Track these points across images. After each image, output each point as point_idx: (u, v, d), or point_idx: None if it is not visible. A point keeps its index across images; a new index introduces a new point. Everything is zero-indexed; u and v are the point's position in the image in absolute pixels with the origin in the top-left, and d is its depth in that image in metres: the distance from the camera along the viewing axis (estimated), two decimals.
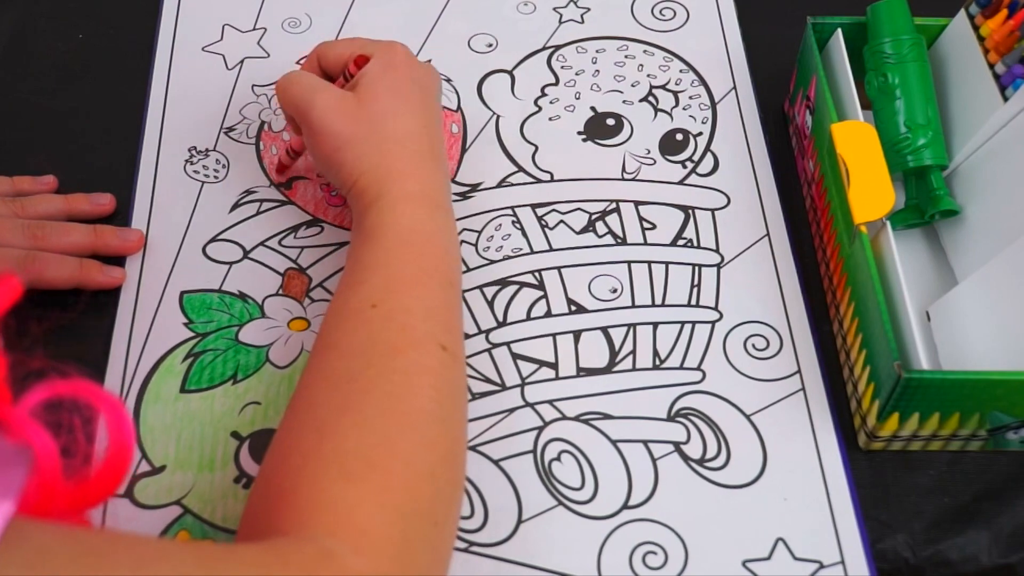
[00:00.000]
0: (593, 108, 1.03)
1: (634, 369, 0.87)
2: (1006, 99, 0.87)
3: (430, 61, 1.05)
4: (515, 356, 0.88)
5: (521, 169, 0.99)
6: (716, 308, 0.90)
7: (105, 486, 0.54)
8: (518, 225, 0.94)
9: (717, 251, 0.94)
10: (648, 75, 1.05)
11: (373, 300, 0.76)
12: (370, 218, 0.81)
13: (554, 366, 0.87)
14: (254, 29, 1.09)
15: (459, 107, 1.03)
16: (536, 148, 1.00)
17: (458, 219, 0.93)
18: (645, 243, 0.94)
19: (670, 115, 1.02)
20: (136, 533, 0.76)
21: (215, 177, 0.97)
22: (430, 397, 0.72)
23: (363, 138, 0.84)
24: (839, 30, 0.94)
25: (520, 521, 0.80)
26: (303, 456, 0.69)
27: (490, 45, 1.08)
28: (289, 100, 0.88)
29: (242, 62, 1.06)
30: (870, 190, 0.84)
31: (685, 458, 0.83)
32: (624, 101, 1.03)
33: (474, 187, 0.97)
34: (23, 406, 0.52)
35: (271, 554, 0.62)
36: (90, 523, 0.57)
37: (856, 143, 0.86)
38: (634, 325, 0.89)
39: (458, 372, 0.76)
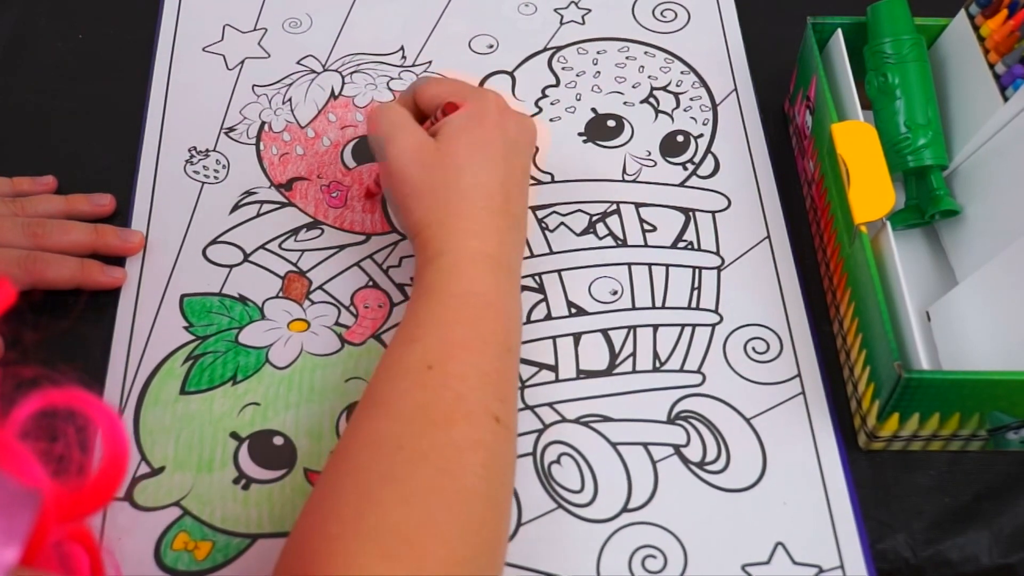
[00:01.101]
0: (594, 109, 1.03)
1: (634, 371, 0.87)
2: (1006, 99, 0.87)
3: (431, 63, 1.05)
4: None
5: None
6: (716, 311, 0.90)
7: (99, 496, 0.54)
8: None
9: (717, 253, 0.93)
10: (649, 76, 1.05)
11: (429, 361, 0.74)
12: (430, 273, 0.80)
13: (554, 369, 0.87)
14: (255, 29, 1.09)
15: None
16: (536, 149, 0.99)
17: None
18: (646, 245, 0.94)
19: (671, 117, 1.02)
20: None
21: (215, 178, 0.97)
22: (480, 475, 0.70)
23: (434, 189, 0.82)
24: (839, 30, 0.94)
25: (520, 523, 0.80)
26: (341, 524, 0.67)
27: (491, 46, 1.08)
28: (374, 131, 0.87)
29: (243, 62, 1.06)
30: (870, 190, 0.84)
31: (685, 461, 0.83)
32: (625, 102, 1.03)
33: None
34: (13, 421, 0.52)
35: None
36: (90, 532, 0.57)
37: (856, 143, 0.86)
38: (634, 327, 0.89)
39: (510, 445, 0.75)
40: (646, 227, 0.95)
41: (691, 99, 1.04)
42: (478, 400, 0.73)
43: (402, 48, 1.07)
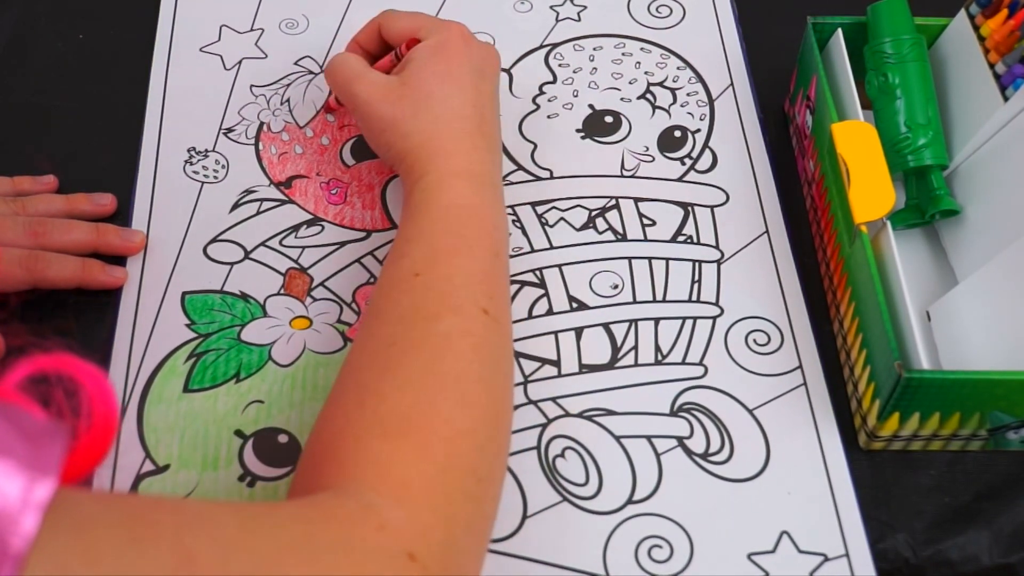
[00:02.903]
0: (591, 106, 1.03)
1: (636, 365, 0.88)
2: (1006, 99, 0.87)
3: None
4: (517, 354, 0.88)
5: (520, 167, 0.99)
6: (717, 303, 0.91)
7: (92, 456, 0.54)
8: (518, 224, 0.95)
9: (717, 247, 0.94)
10: (645, 72, 1.06)
11: (416, 270, 0.78)
12: (415, 195, 0.83)
13: (556, 363, 0.88)
14: (251, 30, 1.09)
15: None
16: (535, 146, 1.00)
17: None
18: (645, 239, 0.94)
19: (668, 112, 1.03)
20: (177, 497, 0.78)
21: (215, 177, 0.97)
22: (470, 359, 0.74)
23: (406, 119, 0.87)
24: (839, 30, 0.95)
25: (525, 516, 0.80)
26: (346, 417, 0.71)
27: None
28: (335, 84, 0.93)
29: (240, 62, 1.06)
30: (870, 190, 0.84)
31: (689, 452, 0.83)
32: (622, 98, 1.04)
33: None
34: (5, 387, 0.52)
35: (313, 510, 0.64)
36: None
37: (856, 143, 0.86)
38: (636, 321, 0.90)
39: (501, 336, 0.78)
40: (645, 222, 0.95)
41: (688, 94, 1.04)
42: (466, 296, 0.77)
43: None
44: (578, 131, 1.02)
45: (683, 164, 0.99)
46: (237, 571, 0.56)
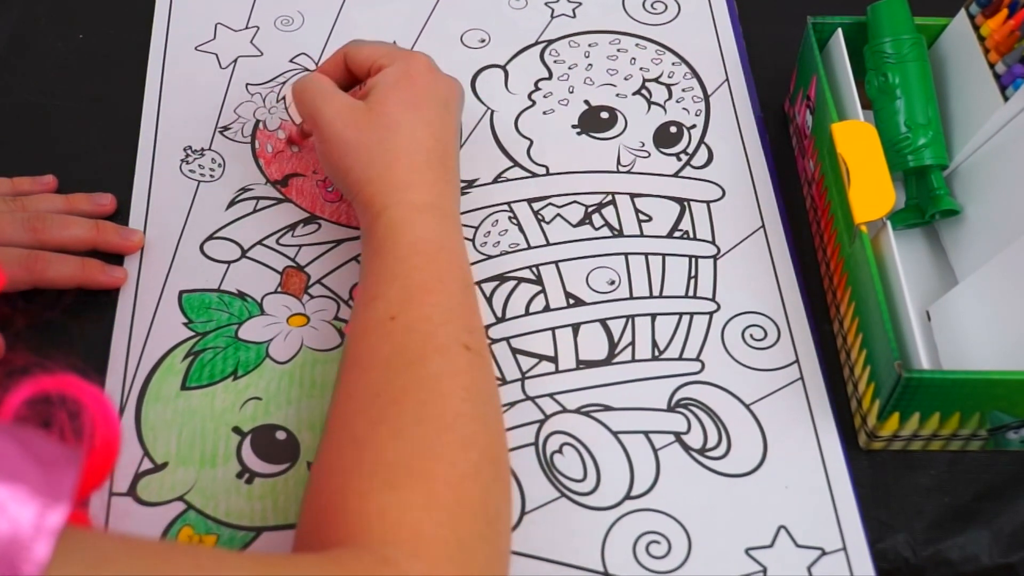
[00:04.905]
0: (587, 102, 1.03)
1: (633, 360, 0.88)
2: (1006, 99, 0.87)
3: None
4: (515, 351, 0.88)
5: (516, 164, 0.99)
6: (713, 299, 0.91)
7: (92, 479, 0.54)
8: (515, 220, 0.95)
9: (713, 243, 0.94)
10: (641, 68, 1.06)
11: (391, 312, 0.76)
12: (379, 229, 0.81)
13: (554, 359, 0.88)
14: (247, 28, 1.09)
15: None
16: (531, 142, 1.00)
17: None
18: (642, 235, 0.95)
19: (663, 108, 1.03)
20: (192, 544, 0.77)
21: (211, 176, 0.97)
22: (462, 398, 0.72)
23: (370, 146, 0.84)
24: (839, 30, 0.95)
25: (523, 513, 0.80)
26: (344, 472, 0.69)
27: (483, 40, 1.08)
28: (302, 103, 0.89)
29: (235, 61, 1.06)
30: (870, 190, 0.84)
31: (686, 448, 0.83)
32: (617, 94, 1.04)
33: (470, 183, 0.98)
34: (7, 408, 0.52)
35: (331, 562, 0.63)
36: (89, 520, 0.57)
37: (856, 143, 0.86)
38: (632, 317, 0.90)
39: (487, 370, 0.77)
40: (642, 217, 0.96)
41: (683, 90, 1.05)
42: (447, 334, 0.76)
43: (394, 43, 1.07)
44: (574, 127, 1.02)
45: (679, 160, 0.99)
46: None
